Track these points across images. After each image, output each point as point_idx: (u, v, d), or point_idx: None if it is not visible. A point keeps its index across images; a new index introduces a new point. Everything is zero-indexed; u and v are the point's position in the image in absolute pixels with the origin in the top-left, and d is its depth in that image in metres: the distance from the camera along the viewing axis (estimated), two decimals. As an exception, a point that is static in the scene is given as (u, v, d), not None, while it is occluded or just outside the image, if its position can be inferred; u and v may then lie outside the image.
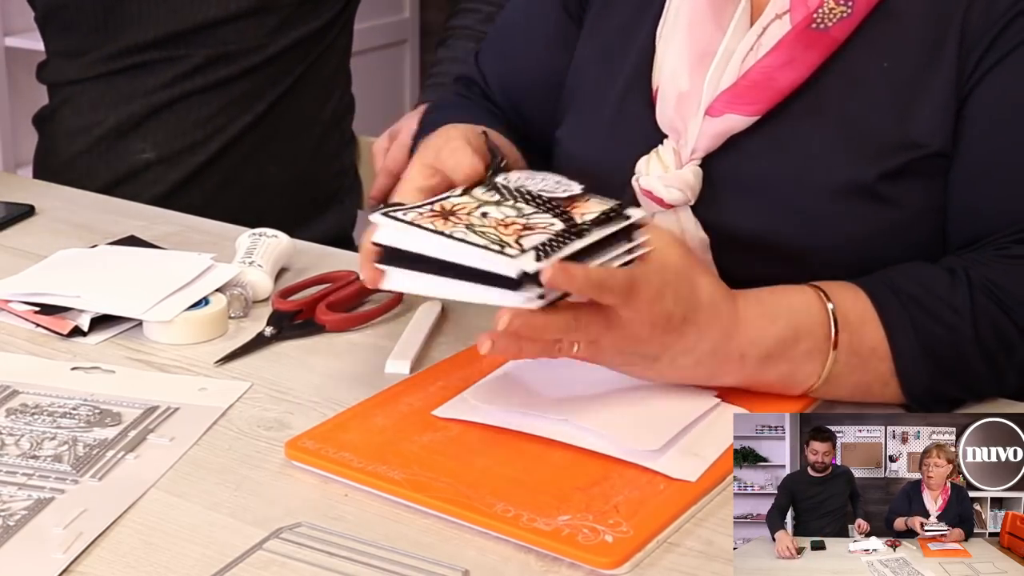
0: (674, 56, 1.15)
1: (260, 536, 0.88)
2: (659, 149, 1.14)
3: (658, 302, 0.95)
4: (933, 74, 1.08)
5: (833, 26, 1.09)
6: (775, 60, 1.10)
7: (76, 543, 0.87)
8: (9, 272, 1.29)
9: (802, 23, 1.09)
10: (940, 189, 1.09)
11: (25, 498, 0.92)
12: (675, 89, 1.14)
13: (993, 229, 1.06)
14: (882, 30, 1.09)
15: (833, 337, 1.01)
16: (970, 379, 1.03)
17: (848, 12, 1.09)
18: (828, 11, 1.09)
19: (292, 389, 1.09)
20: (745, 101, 1.11)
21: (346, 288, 1.25)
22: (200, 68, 1.67)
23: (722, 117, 1.11)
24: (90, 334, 1.18)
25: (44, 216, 1.50)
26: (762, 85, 1.10)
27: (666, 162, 1.13)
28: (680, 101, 1.13)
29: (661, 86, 1.16)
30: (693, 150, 1.12)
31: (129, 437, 1.00)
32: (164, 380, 1.10)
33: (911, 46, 1.09)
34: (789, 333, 1.00)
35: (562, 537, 0.86)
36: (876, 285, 1.03)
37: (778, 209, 1.10)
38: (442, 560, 0.85)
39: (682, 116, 1.13)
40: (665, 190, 1.11)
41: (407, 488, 0.92)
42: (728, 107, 1.11)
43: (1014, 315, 1.02)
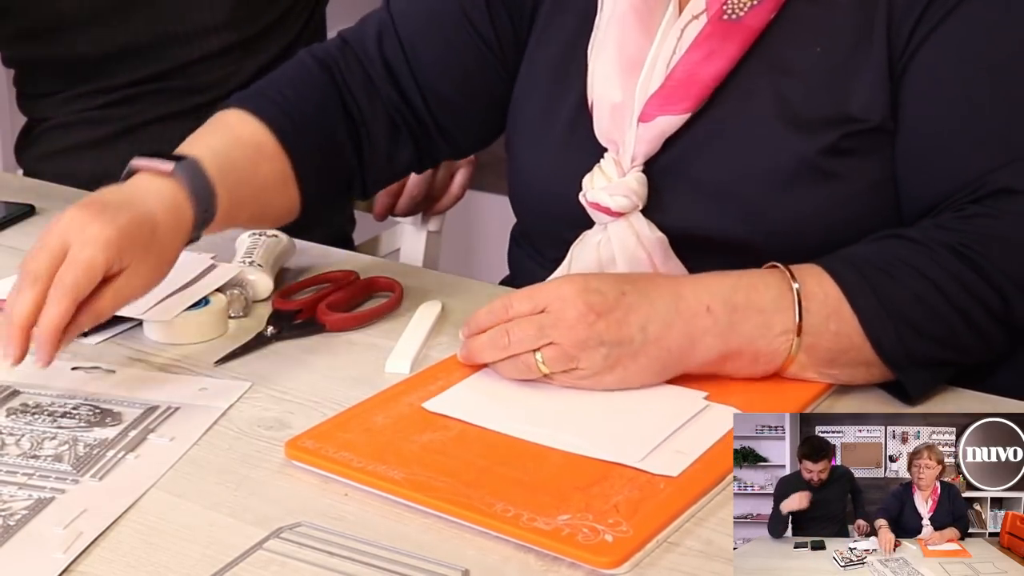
0: (604, 68, 1.16)
1: (260, 536, 0.88)
2: (601, 163, 1.16)
3: (568, 283, 1.02)
4: (865, 54, 1.10)
5: (746, 15, 1.11)
6: (696, 55, 1.12)
7: (76, 543, 0.87)
8: (9, 272, 1.28)
9: (715, 16, 1.11)
10: (884, 164, 1.11)
11: (25, 498, 0.92)
12: (608, 101, 1.15)
13: (946, 194, 1.08)
14: (807, 16, 1.12)
15: (794, 286, 1.02)
16: (948, 336, 1.03)
17: (757, 0, 1.11)
18: (737, 1, 1.11)
19: (292, 389, 1.09)
20: (674, 100, 1.12)
21: (346, 288, 1.25)
22: (172, 99, 1.69)
23: (654, 121, 1.13)
24: (90, 334, 1.17)
25: (44, 216, 1.50)
26: (687, 82, 1.12)
27: (609, 174, 1.14)
28: (614, 112, 1.15)
29: (595, 100, 1.17)
30: (633, 157, 1.14)
31: (130, 437, 1.00)
32: (164, 380, 1.10)
33: (841, 30, 1.11)
34: (744, 281, 1.03)
35: (562, 537, 0.86)
36: (830, 259, 1.05)
37: (727, 200, 1.12)
38: (442, 560, 0.85)
39: (618, 127, 1.15)
40: (611, 199, 1.13)
41: (407, 488, 0.92)
42: (659, 110, 1.13)
43: (983, 271, 1.03)
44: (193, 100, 1.69)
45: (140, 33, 1.66)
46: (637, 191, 1.13)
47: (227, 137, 1.17)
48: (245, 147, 1.17)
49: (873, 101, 1.10)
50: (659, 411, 1.01)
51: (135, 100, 1.70)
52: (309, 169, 1.21)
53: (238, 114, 1.20)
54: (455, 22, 1.26)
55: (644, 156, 1.14)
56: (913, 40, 1.09)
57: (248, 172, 1.16)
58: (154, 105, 1.69)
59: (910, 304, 1.02)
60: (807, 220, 1.10)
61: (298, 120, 1.21)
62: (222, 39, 1.68)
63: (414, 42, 1.26)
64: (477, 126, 1.32)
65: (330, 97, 1.25)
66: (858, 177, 1.10)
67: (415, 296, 1.25)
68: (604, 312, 1.01)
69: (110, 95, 1.70)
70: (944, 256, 1.03)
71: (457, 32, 1.26)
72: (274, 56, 1.71)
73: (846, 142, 1.10)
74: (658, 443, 0.96)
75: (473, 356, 1.07)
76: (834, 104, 1.10)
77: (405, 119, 1.27)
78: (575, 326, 1.01)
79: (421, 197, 1.72)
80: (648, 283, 1.04)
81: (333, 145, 1.24)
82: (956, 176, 1.08)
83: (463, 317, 1.21)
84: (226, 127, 1.19)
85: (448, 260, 1.90)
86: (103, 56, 1.68)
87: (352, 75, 1.26)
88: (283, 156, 1.19)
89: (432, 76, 1.26)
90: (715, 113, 1.13)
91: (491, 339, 1.05)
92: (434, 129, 1.28)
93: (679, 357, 1.03)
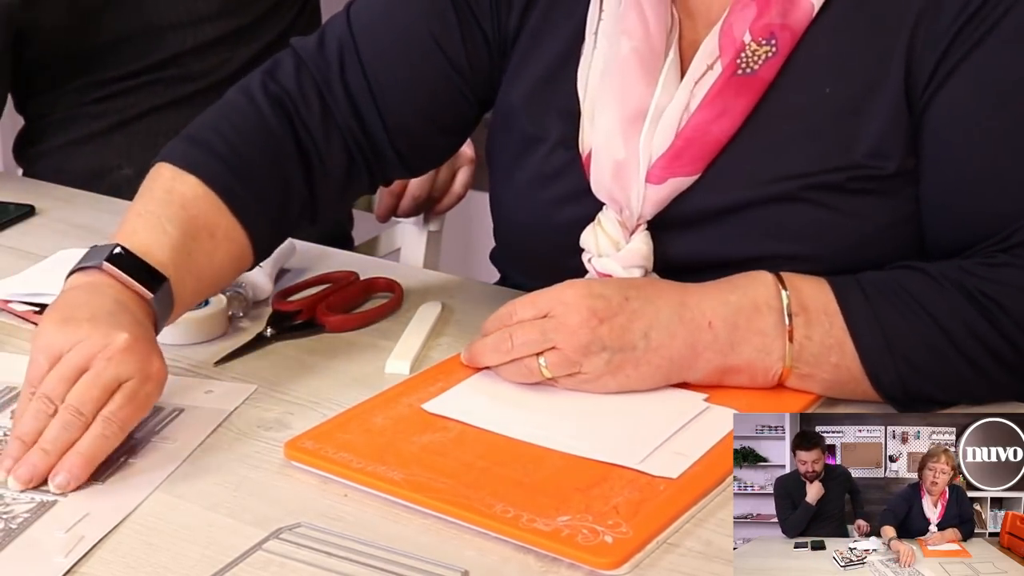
0: (605, 120, 1.10)
1: (260, 536, 0.88)
2: (601, 221, 1.11)
3: (571, 288, 1.03)
4: (878, 93, 1.05)
5: (760, 68, 1.06)
6: (708, 114, 1.07)
7: (78, 546, 0.87)
8: (9, 272, 1.29)
9: (727, 70, 1.07)
10: (900, 205, 1.07)
11: (28, 501, 0.92)
12: (610, 157, 1.10)
13: (971, 239, 1.05)
14: (818, 56, 1.07)
15: (787, 310, 1.01)
16: (951, 380, 1.01)
17: (773, 52, 1.06)
18: (752, 54, 1.06)
19: (292, 389, 1.08)
20: (684, 162, 1.08)
21: (346, 288, 1.25)
22: (167, 89, 1.69)
23: (665, 183, 1.08)
24: (90, 334, 1.17)
25: (44, 216, 1.50)
26: (698, 142, 1.07)
27: (612, 235, 1.10)
28: (617, 170, 1.10)
29: (594, 152, 1.11)
30: (639, 217, 1.10)
31: (134, 439, 1.00)
32: (170, 382, 1.09)
33: (853, 69, 1.06)
34: (747, 301, 1.02)
35: (561, 538, 0.86)
36: (841, 280, 1.03)
37: (726, 234, 1.09)
38: (442, 560, 0.85)
39: (622, 185, 1.10)
40: (625, 271, 1.10)
41: (406, 488, 0.92)
42: (668, 172, 1.08)
43: (997, 321, 1.00)
44: (186, 89, 1.69)
45: (133, 24, 1.67)
46: (647, 256, 1.10)
47: (184, 226, 1.08)
48: (200, 236, 1.09)
49: (885, 145, 1.05)
50: (659, 413, 1.01)
51: (130, 92, 1.70)
52: (263, 228, 1.14)
53: (187, 181, 1.12)
54: (423, 48, 1.19)
55: (650, 216, 1.10)
56: (939, 73, 1.04)
57: (205, 265, 1.09)
58: (148, 96, 1.70)
59: (917, 346, 1.00)
60: (816, 254, 1.07)
61: (248, 176, 1.13)
62: (216, 28, 1.68)
63: (377, 68, 1.19)
64: (435, 150, 1.27)
65: (284, 141, 1.16)
66: (872, 218, 1.07)
67: (415, 296, 1.25)
68: (607, 317, 1.01)
69: (105, 88, 1.70)
70: (958, 300, 1.00)
71: (425, 58, 1.19)
72: (268, 43, 1.71)
73: (854, 184, 1.06)
74: (658, 445, 0.96)
75: (476, 359, 1.07)
76: (840, 148, 1.06)
77: (362, 149, 1.20)
78: (578, 331, 1.01)
79: (424, 197, 1.72)
80: (653, 290, 1.04)
81: (286, 190, 1.16)
82: (983, 221, 1.04)
83: (463, 317, 1.21)
84: (180, 207, 1.10)
85: (448, 260, 1.89)
86: (96, 49, 1.68)
87: (310, 110, 1.17)
88: (237, 227, 1.12)
89: (395, 103, 1.19)
90: (718, 166, 1.08)
91: (494, 342, 1.04)
92: (392, 156, 1.21)
93: (680, 367, 1.03)
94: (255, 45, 1.70)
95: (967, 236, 1.05)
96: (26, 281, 1.25)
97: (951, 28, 1.03)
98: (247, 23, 1.70)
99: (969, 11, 1.03)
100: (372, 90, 1.19)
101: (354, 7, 1.22)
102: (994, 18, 1.02)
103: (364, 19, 1.21)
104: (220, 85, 1.68)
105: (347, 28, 1.20)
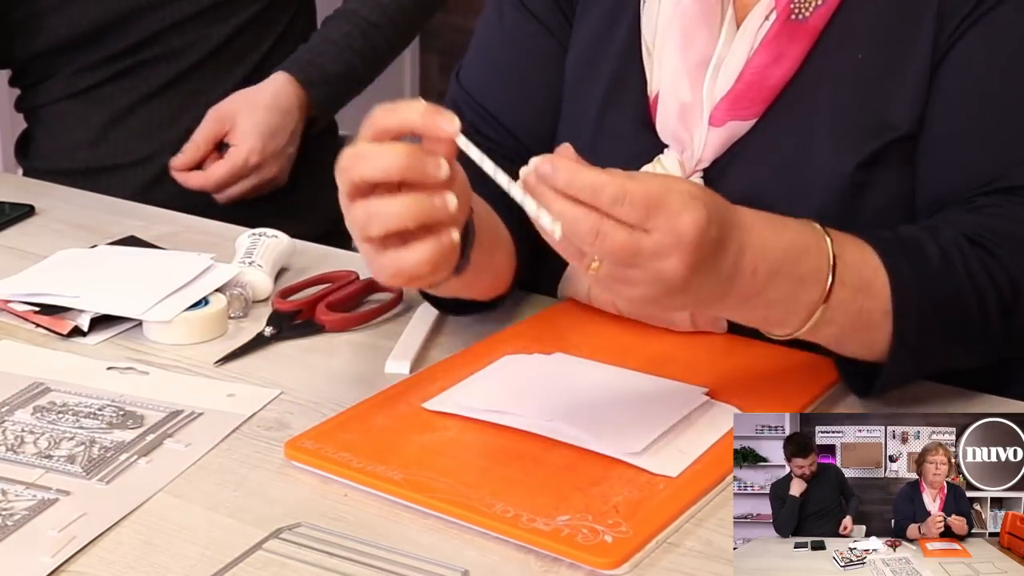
0: (671, 65, 1.14)
1: (260, 536, 0.88)
2: (662, 159, 1.13)
3: (693, 219, 0.86)
4: (907, 61, 1.08)
5: (811, 15, 1.10)
6: (765, 57, 1.10)
7: (68, 547, 0.86)
8: (9, 272, 1.29)
9: (781, 15, 1.10)
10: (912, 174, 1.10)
11: (30, 498, 0.92)
12: (676, 100, 1.13)
13: (957, 189, 1.07)
14: (856, 18, 1.10)
15: (831, 259, 0.96)
16: (958, 330, 1.01)
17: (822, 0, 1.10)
18: (804, 0, 1.10)
19: (292, 389, 1.09)
20: (743, 105, 1.11)
21: (346, 288, 1.25)
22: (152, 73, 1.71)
23: (725, 126, 1.11)
24: (90, 334, 1.18)
25: (44, 216, 1.50)
26: (757, 86, 1.11)
27: (671, 172, 1.12)
28: (683, 112, 1.13)
29: (661, 95, 1.15)
30: (699, 160, 1.12)
31: (146, 441, 1.00)
32: (194, 384, 1.10)
33: (884, 35, 1.09)
34: (798, 243, 0.95)
35: (561, 537, 0.86)
36: (874, 235, 1.01)
37: (771, 205, 1.08)
38: (442, 560, 0.85)
39: (687, 127, 1.13)
40: None
41: (407, 488, 0.92)
42: (729, 114, 1.11)
43: (1000, 259, 1.01)
44: (170, 71, 1.71)
45: (113, 6, 1.68)
46: None
47: None
48: None
49: (910, 110, 1.08)
50: (659, 404, 1.01)
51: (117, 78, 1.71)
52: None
53: None
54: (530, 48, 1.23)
55: (710, 160, 1.12)
56: (953, 37, 1.07)
57: None
58: (136, 82, 1.71)
59: (942, 290, 0.99)
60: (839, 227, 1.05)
61: None
62: (193, 4, 1.69)
63: (502, 109, 1.23)
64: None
65: None
66: (889, 188, 1.09)
67: (415, 296, 1.25)
68: (699, 269, 0.88)
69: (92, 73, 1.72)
70: (960, 241, 1.01)
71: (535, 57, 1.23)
72: (246, 20, 1.73)
73: (881, 152, 1.08)
74: (657, 436, 0.96)
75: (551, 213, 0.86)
76: (873, 113, 1.08)
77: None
78: (666, 280, 0.87)
79: None
80: (733, 226, 0.91)
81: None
82: (972, 172, 1.07)
83: (463, 318, 1.21)
84: None
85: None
86: (79, 35, 1.70)
87: None
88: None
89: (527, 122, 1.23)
90: (769, 121, 1.11)
91: (581, 222, 0.85)
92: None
93: (707, 303, 0.96)
94: (233, 21, 1.72)
95: (952, 187, 1.07)
96: (26, 281, 1.25)
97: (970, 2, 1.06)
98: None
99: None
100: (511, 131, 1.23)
101: (462, 73, 1.28)
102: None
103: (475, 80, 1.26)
104: (201, 65, 1.72)
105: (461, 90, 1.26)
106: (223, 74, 1.73)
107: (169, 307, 1.18)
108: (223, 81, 1.72)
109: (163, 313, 1.17)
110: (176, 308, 1.18)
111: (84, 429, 1.01)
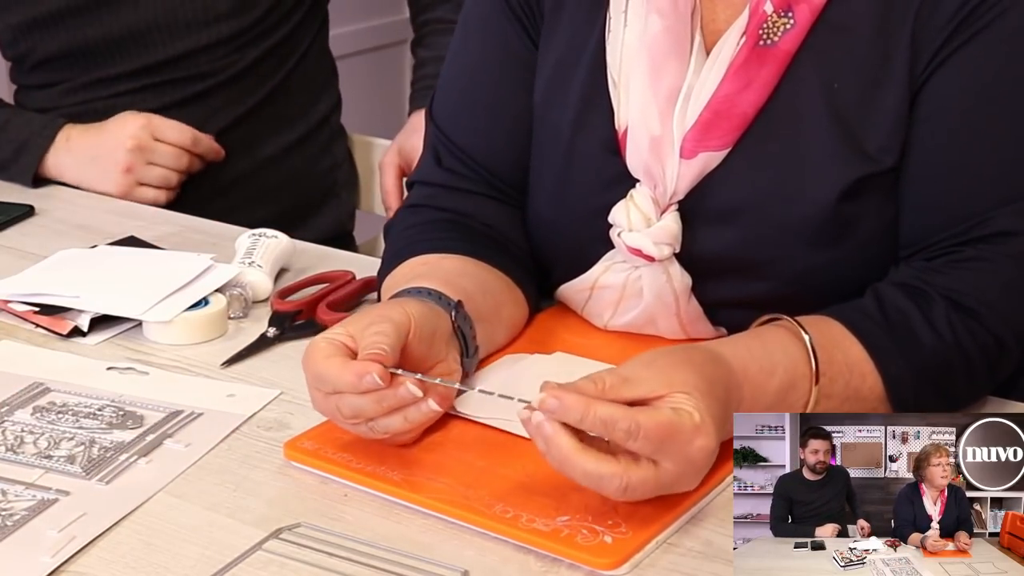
0: (639, 98, 1.10)
1: (260, 536, 0.88)
2: (634, 196, 1.10)
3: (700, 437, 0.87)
4: (884, 91, 1.06)
5: (780, 40, 1.07)
6: (734, 85, 1.07)
7: (68, 547, 0.87)
8: (9, 272, 1.29)
9: (750, 40, 1.07)
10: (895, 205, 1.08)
11: (30, 498, 0.92)
12: (647, 133, 1.09)
13: (941, 228, 1.06)
14: (829, 45, 1.07)
15: (814, 370, 0.98)
16: (952, 392, 1.03)
17: (791, 24, 1.06)
18: (772, 24, 1.07)
19: (292, 389, 1.08)
20: (714, 135, 1.08)
21: (346, 288, 1.25)
22: (173, 88, 1.68)
23: (697, 157, 1.08)
24: (89, 334, 1.18)
25: (44, 216, 1.50)
26: (726, 114, 1.07)
27: (644, 210, 1.09)
28: (654, 145, 1.09)
29: (631, 130, 1.11)
30: (672, 194, 1.09)
31: (146, 441, 1.00)
32: (194, 384, 1.10)
33: (859, 63, 1.07)
34: (786, 381, 0.98)
35: (561, 538, 0.86)
36: (849, 313, 1.03)
37: (751, 235, 1.08)
38: (442, 560, 0.85)
39: (658, 160, 1.09)
40: (655, 248, 1.08)
41: (406, 489, 0.92)
42: (699, 145, 1.08)
43: (984, 321, 1.02)
44: (194, 89, 1.68)
45: (147, 17, 1.65)
46: (676, 235, 1.08)
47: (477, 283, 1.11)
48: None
49: (891, 143, 1.06)
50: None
51: (137, 92, 1.68)
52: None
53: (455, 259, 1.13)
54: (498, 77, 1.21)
55: (684, 192, 1.09)
56: (929, 68, 1.05)
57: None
58: (156, 95, 1.68)
59: (934, 368, 1.01)
60: (823, 271, 1.07)
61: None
62: (231, 26, 1.67)
63: (478, 143, 1.21)
64: None
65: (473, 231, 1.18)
66: (872, 219, 1.07)
67: (415, 296, 1.25)
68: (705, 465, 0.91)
69: (112, 86, 1.69)
70: (947, 310, 1.02)
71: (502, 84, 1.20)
72: (276, 43, 1.70)
73: (860, 184, 1.06)
74: None
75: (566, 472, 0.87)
76: (850, 143, 1.06)
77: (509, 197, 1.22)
78: (679, 489, 0.90)
79: None
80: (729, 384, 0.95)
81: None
82: (954, 212, 1.05)
83: (463, 317, 1.21)
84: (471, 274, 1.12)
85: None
86: (109, 42, 1.67)
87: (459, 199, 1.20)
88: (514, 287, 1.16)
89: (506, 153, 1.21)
90: (743, 148, 1.08)
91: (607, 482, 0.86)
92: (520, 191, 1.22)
93: None
94: (264, 45, 1.70)
95: (935, 226, 1.06)
96: (26, 281, 1.25)
97: (949, 24, 1.04)
98: (256, 20, 1.69)
99: (968, 8, 1.04)
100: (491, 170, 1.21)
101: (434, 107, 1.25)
102: (990, 16, 1.04)
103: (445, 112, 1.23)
104: (227, 84, 1.69)
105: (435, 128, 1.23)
106: (245, 96, 1.71)
107: (169, 307, 1.18)
108: (237, 104, 1.70)
109: (163, 313, 1.17)
110: (176, 308, 1.18)
111: (84, 429, 1.01)
